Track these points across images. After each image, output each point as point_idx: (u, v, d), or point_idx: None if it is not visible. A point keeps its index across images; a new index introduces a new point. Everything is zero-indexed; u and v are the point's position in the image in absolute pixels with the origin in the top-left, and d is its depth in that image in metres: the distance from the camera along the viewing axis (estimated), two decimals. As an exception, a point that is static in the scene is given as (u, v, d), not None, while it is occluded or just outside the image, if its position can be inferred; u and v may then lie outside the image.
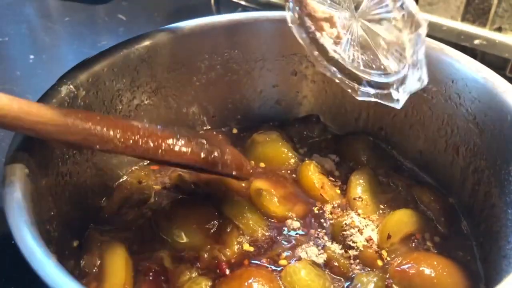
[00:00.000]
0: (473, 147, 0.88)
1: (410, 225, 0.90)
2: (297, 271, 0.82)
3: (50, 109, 0.67)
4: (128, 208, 0.93)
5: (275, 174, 1.01)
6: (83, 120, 0.68)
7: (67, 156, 0.82)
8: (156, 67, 0.97)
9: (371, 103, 1.04)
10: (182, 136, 0.78)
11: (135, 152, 0.74)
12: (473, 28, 1.44)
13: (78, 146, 0.74)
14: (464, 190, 0.92)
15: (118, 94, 0.92)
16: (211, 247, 0.86)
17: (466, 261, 0.85)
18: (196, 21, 1.00)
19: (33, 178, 0.69)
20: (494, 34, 1.42)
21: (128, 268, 0.82)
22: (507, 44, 1.40)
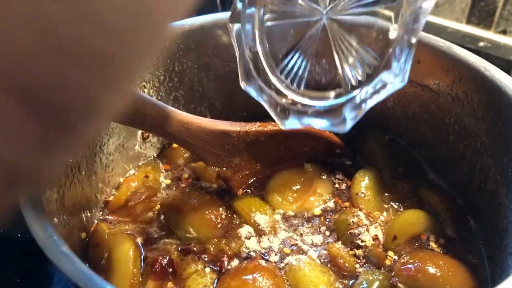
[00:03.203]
0: (480, 145, 0.88)
1: (417, 227, 0.90)
2: (302, 267, 0.82)
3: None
4: (136, 202, 0.94)
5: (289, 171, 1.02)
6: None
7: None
8: (164, 63, 0.98)
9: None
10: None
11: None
12: (478, 31, 1.44)
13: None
14: (470, 189, 0.92)
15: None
16: (218, 241, 0.87)
17: (474, 264, 0.85)
18: (203, 18, 1.00)
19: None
20: (498, 36, 1.42)
21: (135, 260, 0.83)
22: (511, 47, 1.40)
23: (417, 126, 1.02)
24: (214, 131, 0.88)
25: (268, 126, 0.95)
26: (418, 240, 0.89)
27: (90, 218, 0.89)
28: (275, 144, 0.99)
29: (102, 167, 0.92)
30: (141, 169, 1.01)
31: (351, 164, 1.05)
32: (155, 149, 1.05)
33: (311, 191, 0.99)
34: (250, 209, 0.92)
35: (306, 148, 1.03)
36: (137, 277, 0.81)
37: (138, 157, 1.02)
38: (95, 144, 0.88)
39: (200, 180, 1.00)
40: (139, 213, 0.93)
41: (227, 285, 0.79)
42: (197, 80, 1.04)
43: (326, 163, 1.04)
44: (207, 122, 0.88)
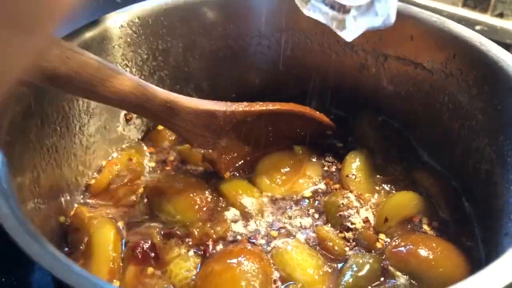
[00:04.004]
0: (475, 124, 0.85)
1: (409, 209, 0.87)
2: (289, 250, 0.79)
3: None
4: (119, 185, 0.91)
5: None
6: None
7: (54, 129, 0.80)
8: (147, 41, 0.94)
9: (370, 82, 1.02)
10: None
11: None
12: (474, 14, 1.40)
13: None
14: (465, 170, 0.89)
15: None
16: (203, 224, 0.84)
17: (468, 247, 0.82)
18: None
19: (12, 146, 0.67)
20: (495, 20, 1.39)
21: (116, 244, 0.80)
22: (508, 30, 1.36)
23: (411, 107, 0.99)
24: (198, 111, 0.84)
25: (256, 106, 0.91)
26: (410, 222, 0.86)
27: (70, 201, 0.86)
28: (264, 125, 0.95)
29: (82, 148, 0.88)
30: (125, 152, 0.98)
31: (343, 146, 1.02)
32: (139, 131, 1.02)
33: (300, 174, 0.95)
34: (237, 191, 0.89)
35: (296, 129, 1.00)
36: (117, 262, 0.78)
37: (121, 139, 0.98)
38: (74, 124, 0.85)
39: (186, 163, 0.97)
40: (121, 197, 0.90)
41: (211, 269, 0.76)
42: (182, 60, 1.00)
43: (316, 145, 1.01)
44: (191, 101, 0.84)
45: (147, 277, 0.76)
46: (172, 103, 0.81)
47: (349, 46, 1.00)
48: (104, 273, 0.75)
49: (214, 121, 0.86)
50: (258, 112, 0.91)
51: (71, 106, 0.84)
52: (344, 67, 1.02)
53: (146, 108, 0.78)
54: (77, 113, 0.85)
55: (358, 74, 1.02)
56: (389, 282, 0.76)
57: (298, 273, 0.76)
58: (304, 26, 1.00)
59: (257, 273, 0.74)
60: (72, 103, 0.83)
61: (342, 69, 1.03)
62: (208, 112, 0.85)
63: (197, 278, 0.76)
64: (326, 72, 1.05)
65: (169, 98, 0.80)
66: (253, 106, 0.90)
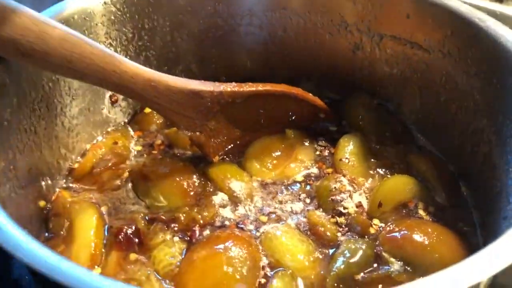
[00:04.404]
0: (473, 105, 0.81)
1: (404, 193, 0.84)
2: (278, 235, 0.76)
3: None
4: (102, 169, 0.87)
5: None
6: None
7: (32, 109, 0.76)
8: (131, 19, 0.90)
9: (364, 63, 0.98)
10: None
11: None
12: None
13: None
14: (463, 153, 0.85)
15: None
16: (190, 209, 0.80)
17: (465, 232, 0.79)
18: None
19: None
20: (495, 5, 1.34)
21: (98, 230, 0.77)
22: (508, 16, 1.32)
23: (406, 89, 0.96)
24: (184, 91, 0.80)
25: (245, 86, 0.88)
26: (405, 207, 0.83)
27: (51, 186, 0.82)
28: (254, 107, 0.91)
29: (64, 131, 0.85)
30: (110, 136, 0.94)
31: (336, 130, 0.98)
32: (125, 114, 0.98)
33: (292, 158, 0.92)
34: (225, 175, 0.86)
35: (288, 112, 0.96)
36: (99, 247, 0.75)
37: (106, 122, 0.95)
38: (55, 105, 0.81)
39: (173, 147, 0.94)
40: (105, 181, 0.86)
41: (196, 255, 0.73)
42: (170, 40, 0.97)
43: (309, 129, 0.97)
44: (177, 81, 0.80)
45: (130, 263, 0.73)
46: (156, 82, 0.77)
47: (343, 25, 0.96)
48: (84, 259, 0.72)
49: (201, 102, 0.83)
50: (247, 93, 0.87)
51: (52, 86, 0.80)
52: (338, 47, 0.99)
53: (128, 87, 0.75)
54: (58, 93, 0.82)
55: (352, 55, 0.99)
56: (382, 269, 0.73)
57: (288, 259, 0.73)
58: (297, 4, 0.97)
59: (245, 259, 0.71)
60: (52, 82, 0.80)
61: (336, 50, 0.99)
62: (195, 92, 0.81)
63: (182, 265, 0.72)
64: (319, 53, 1.01)
65: (153, 77, 0.77)
66: (242, 87, 0.87)
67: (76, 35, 0.68)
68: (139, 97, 0.78)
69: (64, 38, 0.66)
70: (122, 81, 0.73)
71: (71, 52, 0.67)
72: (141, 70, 0.76)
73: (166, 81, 0.78)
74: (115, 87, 0.75)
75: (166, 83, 0.78)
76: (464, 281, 0.48)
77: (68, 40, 0.67)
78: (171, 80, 0.79)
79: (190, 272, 0.70)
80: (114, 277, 0.71)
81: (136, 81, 0.75)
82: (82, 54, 0.68)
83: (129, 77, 0.74)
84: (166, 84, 0.78)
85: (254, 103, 0.90)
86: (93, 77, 0.71)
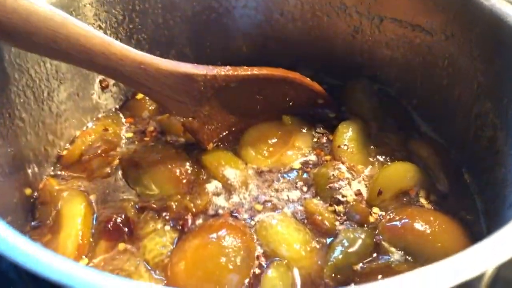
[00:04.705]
0: (477, 88, 0.78)
1: (405, 181, 0.80)
2: (274, 224, 0.73)
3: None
4: (92, 156, 0.84)
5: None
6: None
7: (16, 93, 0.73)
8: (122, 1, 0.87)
9: (364, 47, 0.95)
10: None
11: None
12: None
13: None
14: (466, 139, 0.82)
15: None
16: (182, 197, 0.77)
17: (468, 221, 0.76)
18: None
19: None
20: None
21: (86, 218, 0.74)
22: None
23: (408, 73, 0.92)
24: (176, 74, 0.77)
25: (240, 70, 0.84)
26: (406, 195, 0.80)
27: (38, 173, 0.79)
28: (249, 92, 0.88)
29: (51, 116, 0.81)
30: (100, 122, 0.91)
31: (335, 116, 0.95)
32: (116, 100, 0.95)
33: (289, 145, 0.89)
34: (219, 163, 0.83)
35: (285, 98, 0.93)
36: (86, 237, 0.72)
37: (96, 108, 0.92)
38: (41, 89, 0.78)
39: (166, 134, 0.90)
40: (95, 169, 0.83)
41: (188, 244, 0.70)
42: (162, 22, 0.93)
43: (307, 115, 0.94)
44: (168, 64, 0.77)
45: (119, 254, 0.70)
46: (146, 64, 0.74)
47: (342, 8, 0.92)
48: (71, 249, 0.69)
49: (194, 86, 0.80)
50: (242, 77, 0.84)
51: (38, 69, 0.77)
52: (337, 31, 0.95)
53: (117, 70, 0.72)
54: (45, 77, 0.78)
55: (352, 39, 0.95)
56: (382, 258, 0.70)
57: (284, 248, 0.70)
58: (294, -15, 0.93)
59: (239, 249, 0.68)
60: (38, 65, 0.76)
61: (335, 34, 0.96)
62: (187, 75, 0.78)
63: (173, 255, 0.69)
64: (317, 37, 0.98)
65: (143, 59, 0.74)
66: (237, 71, 0.83)
67: (61, 15, 0.65)
68: (128, 80, 0.75)
69: (48, 17, 0.63)
70: (110, 63, 0.70)
71: (56, 32, 0.64)
72: (131, 52, 0.72)
73: (157, 64, 0.75)
74: (103, 69, 0.72)
75: (157, 65, 0.75)
76: (466, 271, 0.44)
77: (53, 19, 0.64)
78: (162, 62, 0.76)
79: (181, 262, 0.67)
80: (101, 268, 0.68)
81: (125, 64, 0.72)
82: (67, 35, 0.65)
83: (118, 59, 0.71)
84: (157, 67, 0.75)
85: (249, 88, 0.87)
86: (79, 58, 0.68)
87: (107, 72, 0.74)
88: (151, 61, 0.74)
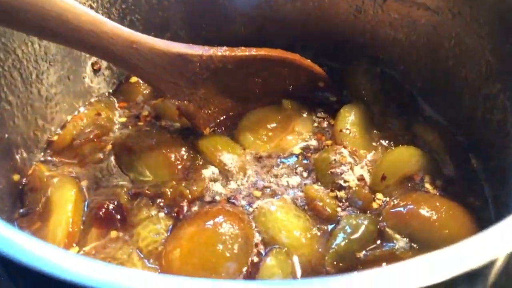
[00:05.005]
0: (485, 68, 0.75)
1: (410, 165, 0.77)
2: (273, 211, 0.70)
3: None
4: (83, 141, 0.81)
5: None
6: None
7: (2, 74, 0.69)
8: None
9: (366, 27, 0.91)
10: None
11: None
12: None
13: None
14: (473, 122, 0.79)
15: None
16: (177, 184, 0.74)
17: (476, 207, 0.73)
18: None
19: None
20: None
21: (77, 205, 0.71)
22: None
23: (412, 55, 0.89)
24: (170, 55, 0.74)
25: (237, 51, 0.81)
26: (411, 181, 0.77)
27: (27, 159, 0.76)
28: (248, 75, 0.85)
29: (41, 100, 0.78)
30: (93, 107, 0.88)
31: (336, 100, 0.91)
32: (110, 84, 0.92)
33: (289, 130, 0.85)
34: (216, 147, 0.80)
35: (284, 81, 0.89)
36: (77, 224, 0.69)
37: (89, 92, 0.88)
38: (29, 71, 0.74)
39: (161, 119, 0.87)
40: (87, 154, 0.80)
41: (183, 232, 0.67)
42: (156, 3, 0.89)
43: (307, 99, 0.90)
44: (162, 43, 0.74)
45: (111, 242, 0.67)
46: (138, 44, 0.70)
47: (343, -14, 0.89)
48: (61, 237, 0.66)
49: (189, 67, 0.76)
50: (239, 57, 0.80)
51: (25, 50, 0.73)
52: (338, 11, 0.92)
53: (108, 50, 0.68)
54: (33, 58, 0.75)
55: (354, 19, 0.91)
56: (386, 246, 0.67)
57: (283, 235, 0.67)
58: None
59: (236, 236, 0.65)
60: (25, 45, 0.73)
61: (336, 14, 0.92)
62: (182, 56, 0.75)
63: (167, 242, 0.66)
64: (318, 18, 0.94)
65: (135, 38, 0.70)
66: (234, 51, 0.80)
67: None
68: (121, 61, 0.71)
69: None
70: (101, 42, 0.67)
71: (44, 9, 0.61)
72: (122, 31, 0.69)
73: (150, 44, 0.72)
74: (93, 49, 0.68)
75: (150, 45, 0.72)
76: (473, 259, 0.41)
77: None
78: (155, 42, 0.72)
79: (176, 250, 0.64)
80: (93, 256, 0.65)
81: (116, 43, 0.68)
82: (55, 11, 0.62)
83: (109, 38, 0.67)
84: (150, 47, 0.72)
85: (247, 70, 0.83)
86: (68, 37, 0.65)
87: (98, 52, 0.70)
88: (144, 41, 0.71)
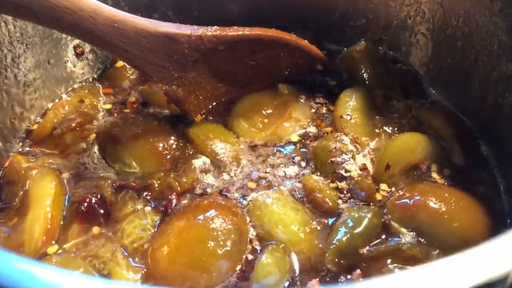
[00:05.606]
0: (497, 48, 0.69)
1: (415, 153, 0.72)
2: (268, 203, 0.65)
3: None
4: (65, 130, 0.75)
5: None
6: None
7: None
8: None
9: (368, 6, 0.86)
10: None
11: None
12: None
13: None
14: (483, 107, 0.74)
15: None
16: (165, 175, 0.69)
17: (487, 197, 0.68)
18: None
19: None
20: None
21: (57, 199, 0.66)
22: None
23: (417, 35, 0.84)
24: (156, 35, 0.68)
25: (229, 30, 0.75)
26: (416, 170, 0.72)
27: (3, 149, 0.72)
28: (241, 57, 0.79)
29: (17, 85, 0.73)
30: (76, 93, 0.82)
31: (336, 84, 0.86)
32: (94, 69, 0.86)
33: (285, 116, 0.80)
34: (208, 136, 0.74)
35: (280, 64, 0.84)
36: (57, 220, 0.64)
37: (71, 77, 0.83)
38: (3, 54, 0.69)
39: (149, 106, 0.82)
40: (69, 144, 0.75)
41: (171, 227, 0.62)
42: (142, -19, 0.84)
43: (305, 83, 0.85)
44: (147, 23, 0.68)
45: (93, 238, 0.63)
46: (120, 23, 0.65)
47: (343, -38, 0.83)
48: (39, 234, 0.61)
49: (177, 48, 0.71)
50: (231, 37, 0.74)
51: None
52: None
53: (88, 29, 0.63)
54: (7, 39, 0.70)
55: (355, -3, 0.86)
56: (391, 241, 0.62)
57: (280, 230, 0.62)
58: None
59: (229, 232, 0.61)
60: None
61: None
62: (169, 36, 0.69)
63: (154, 239, 0.61)
64: None
65: (116, 16, 0.65)
66: (225, 31, 0.74)
67: None
68: (102, 42, 0.66)
69: None
70: (79, 21, 0.61)
71: None
72: (102, 8, 0.64)
73: (133, 22, 0.66)
74: (71, 28, 0.63)
75: (134, 24, 0.66)
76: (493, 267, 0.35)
77: None
78: (140, 21, 0.67)
79: (164, 248, 0.59)
80: (73, 254, 0.60)
81: (96, 22, 0.63)
82: None
83: (88, 16, 0.62)
84: (133, 26, 0.66)
85: (240, 52, 0.78)
86: (42, 15, 0.59)
87: (77, 32, 0.65)
88: (126, 19, 0.66)
